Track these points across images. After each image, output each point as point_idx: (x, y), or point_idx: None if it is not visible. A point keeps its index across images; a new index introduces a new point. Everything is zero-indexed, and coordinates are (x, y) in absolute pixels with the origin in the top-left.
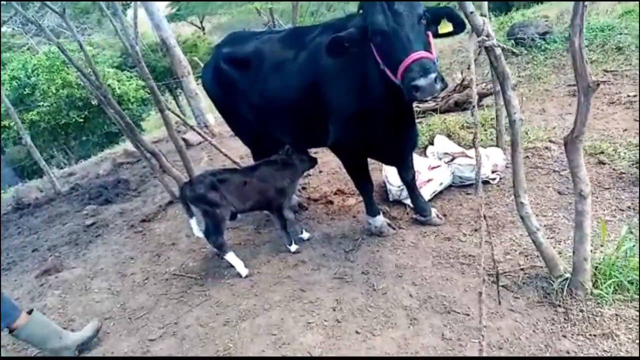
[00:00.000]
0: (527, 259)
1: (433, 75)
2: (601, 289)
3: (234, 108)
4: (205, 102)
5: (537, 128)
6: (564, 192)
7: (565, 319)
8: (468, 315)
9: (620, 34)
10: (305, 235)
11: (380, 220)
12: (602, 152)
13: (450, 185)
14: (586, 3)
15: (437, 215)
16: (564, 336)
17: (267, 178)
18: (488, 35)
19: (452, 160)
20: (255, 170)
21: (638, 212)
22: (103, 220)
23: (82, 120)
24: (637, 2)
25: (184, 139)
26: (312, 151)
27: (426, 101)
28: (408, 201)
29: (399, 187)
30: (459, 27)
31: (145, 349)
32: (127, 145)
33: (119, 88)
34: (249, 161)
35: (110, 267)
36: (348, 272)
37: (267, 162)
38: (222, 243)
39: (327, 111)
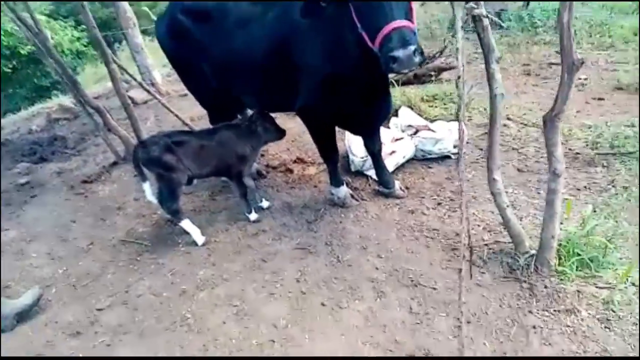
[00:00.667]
0: (491, 235)
1: (412, 48)
2: (565, 266)
3: (190, 63)
4: (152, 58)
5: None
6: (522, 170)
7: (530, 294)
8: (435, 289)
9: (576, 17)
10: (265, 203)
11: (343, 190)
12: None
13: (412, 158)
14: None
15: (400, 188)
16: (530, 311)
17: (228, 143)
18: (476, 4)
19: (415, 133)
20: (214, 133)
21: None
22: (38, 180)
23: (9, 70)
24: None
25: (129, 97)
26: (273, 116)
27: (404, 73)
28: (370, 172)
29: (363, 157)
30: None
31: (93, 318)
32: (62, 100)
33: (52, 38)
34: (201, 124)
35: (49, 231)
36: (311, 243)
37: (229, 125)
38: (178, 209)
39: (296, 73)
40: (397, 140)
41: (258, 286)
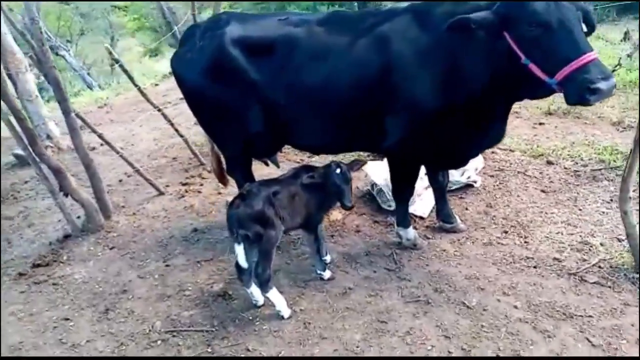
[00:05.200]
0: (584, 254)
1: (614, 80)
2: None
3: (229, 105)
4: (48, 108)
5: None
6: (546, 191)
7: None
8: (591, 316)
9: None
10: (328, 257)
11: (412, 231)
12: (541, 155)
13: None
14: None
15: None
16: None
17: (311, 190)
18: None
19: None
20: (297, 178)
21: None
22: None
23: None
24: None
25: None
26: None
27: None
28: (411, 209)
29: None
30: (590, 29)
31: None
32: None
33: None
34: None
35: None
36: (416, 293)
37: (305, 168)
38: (270, 276)
39: (392, 106)
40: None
41: (407, 351)
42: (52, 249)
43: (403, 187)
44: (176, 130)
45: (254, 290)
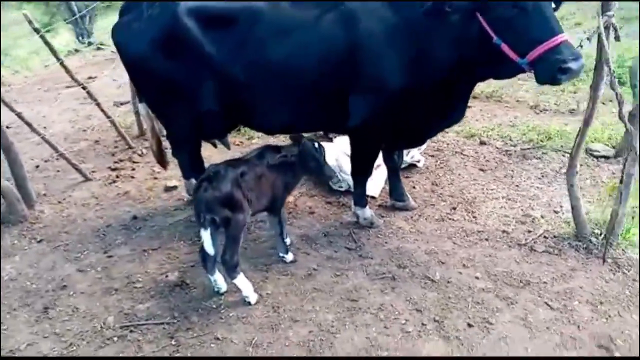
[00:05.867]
0: (528, 226)
1: (582, 60)
2: (627, 238)
3: (181, 80)
4: None
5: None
6: (484, 169)
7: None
8: (545, 283)
9: None
10: (288, 240)
11: (369, 210)
12: (474, 135)
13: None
14: None
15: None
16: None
17: (278, 170)
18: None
19: None
20: (263, 158)
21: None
22: None
23: None
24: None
25: None
26: None
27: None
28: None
29: None
30: (557, 3)
31: None
32: None
33: None
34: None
35: None
36: (381, 270)
37: (273, 148)
38: (238, 262)
39: (358, 85)
40: None
41: (382, 327)
42: None
43: (364, 167)
44: (102, 110)
45: (218, 278)
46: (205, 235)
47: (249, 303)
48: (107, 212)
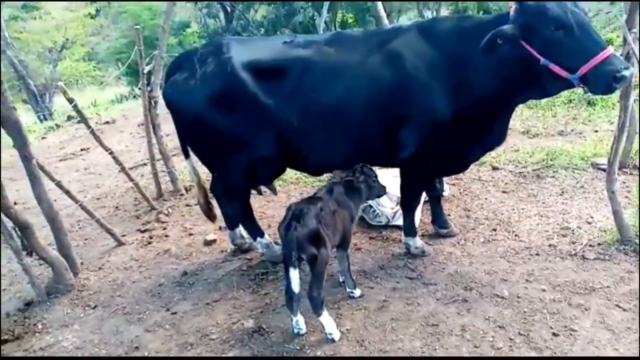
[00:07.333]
0: (570, 238)
1: (632, 69)
2: None
3: (237, 131)
4: None
5: None
6: (506, 191)
7: None
8: (609, 286)
9: None
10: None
11: (419, 240)
12: (484, 162)
13: None
14: None
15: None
16: None
17: (345, 204)
18: None
19: None
20: (331, 194)
21: None
22: None
23: None
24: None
25: None
26: None
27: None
28: (399, 222)
29: (393, 208)
30: None
31: None
32: None
33: None
34: None
35: None
36: (449, 294)
37: (334, 184)
38: (324, 298)
39: (408, 119)
40: None
41: (472, 347)
42: (15, 320)
43: (413, 198)
44: (127, 174)
45: (300, 318)
46: (294, 274)
47: (333, 340)
48: (154, 272)
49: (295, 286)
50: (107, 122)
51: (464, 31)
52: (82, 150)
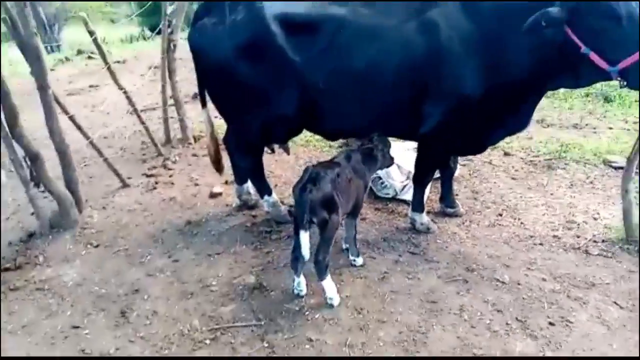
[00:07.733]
0: (575, 231)
1: None
2: None
3: (261, 85)
4: None
5: None
6: (515, 178)
7: None
8: (608, 283)
9: None
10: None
11: (426, 216)
12: (497, 147)
13: None
14: None
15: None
16: None
17: (361, 172)
18: None
19: None
20: (349, 161)
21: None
22: None
23: None
24: None
25: None
26: None
27: None
28: (407, 196)
29: (403, 182)
30: None
31: None
32: None
33: None
34: None
35: None
36: (451, 273)
37: (352, 151)
38: (329, 263)
39: (435, 91)
40: None
41: (469, 327)
42: (17, 250)
43: (427, 173)
44: (139, 116)
45: (302, 280)
46: (305, 237)
47: (332, 305)
48: (157, 217)
49: (305, 250)
50: (117, 62)
51: (506, 8)
52: (90, 86)
